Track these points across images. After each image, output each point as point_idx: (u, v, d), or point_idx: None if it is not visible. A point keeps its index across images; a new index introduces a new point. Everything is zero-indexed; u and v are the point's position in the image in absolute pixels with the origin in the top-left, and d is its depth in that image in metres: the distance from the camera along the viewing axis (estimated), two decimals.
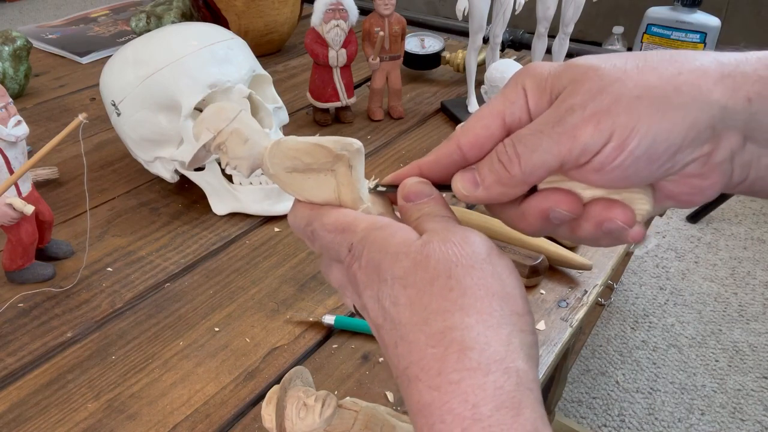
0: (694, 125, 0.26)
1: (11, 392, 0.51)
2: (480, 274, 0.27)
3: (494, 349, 0.25)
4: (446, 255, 0.27)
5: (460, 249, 0.27)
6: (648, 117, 0.26)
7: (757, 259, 1.57)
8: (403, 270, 0.27)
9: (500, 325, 0.26)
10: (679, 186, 0.28)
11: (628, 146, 0.26)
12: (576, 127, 0.26)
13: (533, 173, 0.28)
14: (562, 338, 0.56)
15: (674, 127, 0.26)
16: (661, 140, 0.26)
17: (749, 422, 1.17)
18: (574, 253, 0.62)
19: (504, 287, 0.27)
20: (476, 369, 0.24)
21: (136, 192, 0.77)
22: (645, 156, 0.26)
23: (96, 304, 0.59)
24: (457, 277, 0.26)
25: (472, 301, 0.26)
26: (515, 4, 0.86)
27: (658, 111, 0.26)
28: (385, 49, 0.88)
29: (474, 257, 0.27)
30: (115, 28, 1.30)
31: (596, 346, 1.33)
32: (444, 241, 0.27)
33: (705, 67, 0.27)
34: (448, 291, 0.26)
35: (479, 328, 0.25)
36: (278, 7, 1.10)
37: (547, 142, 0.27)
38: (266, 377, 0.52)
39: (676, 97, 0.26)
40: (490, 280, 0.27)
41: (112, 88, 0.71)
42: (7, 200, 0.56)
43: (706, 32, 0.85)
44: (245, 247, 0.67)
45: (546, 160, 0.27)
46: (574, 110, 0.27)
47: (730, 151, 0.27)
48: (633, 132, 0.26)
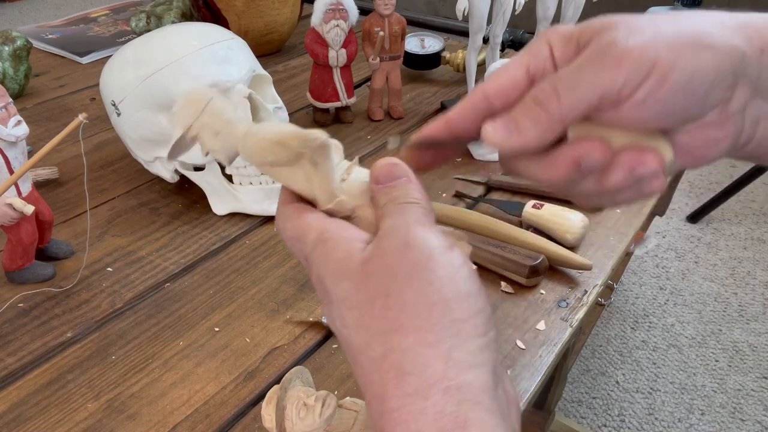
0: (721, 66, 0.26)
1: (11, 392, 0.51)
2: (419, 285, 0.26)
3: (433, 369, 0.24)
4: (386, 270, 0.26)
5: (400, 259, 0.26)
6: (686, 53, 0.26)
7: (757, 259, 1.57)
8: (345, 291, 0.27)
9: (440, 341, 0.25)
10: (694, 138, 0.28)
11: (670, 79, 0.26)
12: (621, 57, 0.26)
13: (573, 110, 0.27)
14: (562, 338, 0.56)
15: (708, 65, 0.26)
16: (698, 77, 0.26)
17: (749, 422, 1.17)
18: (574, 253, 0.62)
19: (443, 294, 0.26)
20: (414, 394, 0.24)
21: (136, 192, 0.77)
22: (683, 91, 0.26)
23: (96, 304, 0.59)
24: (397, 292, 0.26)
25: (410, 319, 0.25)
26: (515, 4, 0.86)
27: (694, 49, 0.26)
28: (385, 49, 0.88)
29: (414, 266, 0.26)
30: (115, 28, 1.30)
31: (596, 346, 1.33)
32: (384, 254, 0.27)
33: (722, 19, 0.28)
34: (387, 311, 0.26)
35: (417, 348, 0.25)
36: (278, 7, 1.10)
37: (590, 75, 0.27)
38: (266, 377, 0.52)
39: (707, 39, 0.26)
40: (429, 290, 0.26)
41: (112, 88, 0.71)
42: (7, 200, 0.56)
43: None
44: (245, 247, 0.67)
45: (587, 95, 0.27)
46: (616, 43, 0.26)
47: (743, 101, 0.28)
48: (674, 66, 0.26)
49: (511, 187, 0.76)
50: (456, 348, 0.25)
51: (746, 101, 0.28)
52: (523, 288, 0.61)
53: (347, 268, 0.27)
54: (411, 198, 0.29)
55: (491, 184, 0.77)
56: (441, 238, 0.27)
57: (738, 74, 0.27)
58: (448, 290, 0.26)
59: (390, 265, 0.26)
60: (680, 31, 0.27)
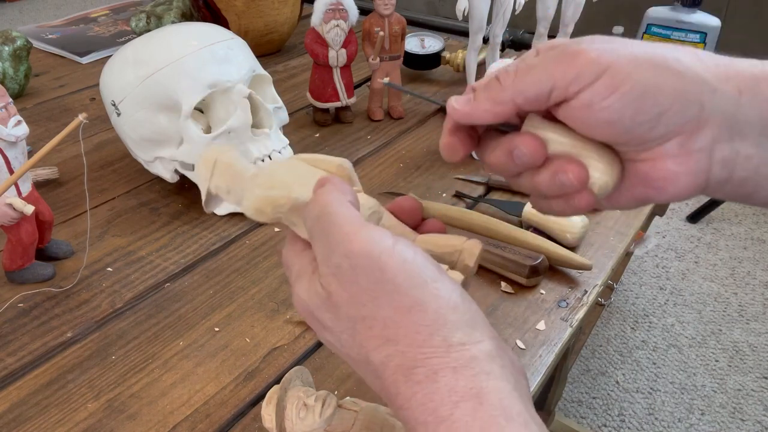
0: (684, 93, 0.27)
1: (11, 392, 0.51)
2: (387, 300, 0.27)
3: (436, 358, 0.25)
4: (349, 300, 0.27)
5: (357, 286, 0.27)
6: (645, 71, 0.27)
7: (757, 259, 1.57)
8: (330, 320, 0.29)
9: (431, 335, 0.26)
10: (654, 168, 0.29)
11: (620, 88, 0.26)
12: (577, 53, 0.27)
13: (523, 92, 0.28)
14: (562, 338, 0.56)
15: (666, 88, 0.27)
16: (652, 94, 0.26)
17: (749, 422, 1.17)
18: (574, 253, 0.62)
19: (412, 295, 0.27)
20: (424, 381, 0.25)
21: (136, 192, 0.77)
22: (633, 104, 0.27)
23: (96, 304, 0.59)
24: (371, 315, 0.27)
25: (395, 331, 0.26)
26: (515, 4, 0.86)
27: (655, 69, 0.27)
28: (385, 49, 0.88)
29: (372, 285, 0.27)
30: (115, 28, 1.30)
31: (596, 346, 1.33)
32: (341, 284, 0.28)
33: (701, 56, 0.28)
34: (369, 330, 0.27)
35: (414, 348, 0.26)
36: (278, 7, 1.10)
37: (545, 62, 0.28)
38: (266, 377, 0.52)
39: (674, 64, 0.27)
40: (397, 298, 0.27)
41: (112, 88, 0.71)
42: (7, 200, 0.56)
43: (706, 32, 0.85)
44: (245, 247, 0.67)
45: (540, 83, 0.28)
46: (579, 43, 0.28)
47: (710, 139, 0.27)
48: (628, 77, 0.26)
49: (511, 187, 0.76)
50: (450, 334, 0.26)
51: (715, 139, 0.28)
52: (523, 288, 0.61)
53: (318, 302, 0.29)
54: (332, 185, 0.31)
55: (491, 184, 0.77)
56: (380, 237, 0.28)
57: (707, 109, 0.27)
58: (415, 290, 0.27)
59: (352, 295, 0.27)
60: (649, 52, 0.27)
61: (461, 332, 0.26)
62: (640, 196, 0.30)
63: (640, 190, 0.30)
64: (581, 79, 0.27)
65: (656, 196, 0.30)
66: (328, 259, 0.28)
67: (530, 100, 0.29)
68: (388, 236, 0.28)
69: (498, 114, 0.30)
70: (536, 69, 0.28)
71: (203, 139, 0.68)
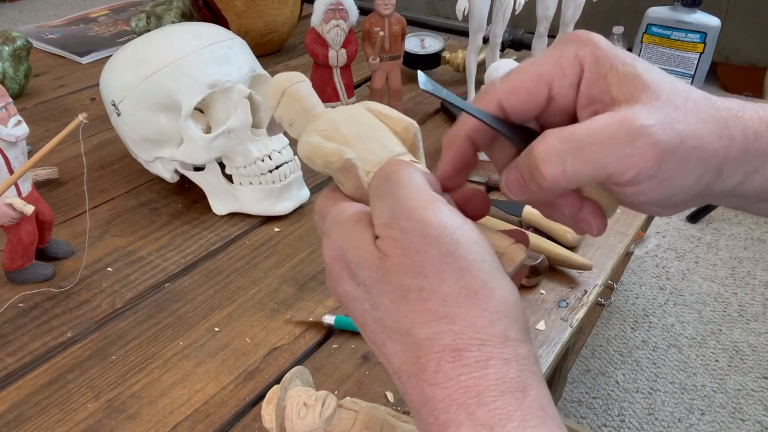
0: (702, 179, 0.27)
1: (11, 392, 0.51)
2: (455, 276, 0.26)
3: (490, 346, 0.25)
4: (410, 269, 0.26)
5: (424, 255, 0.26)
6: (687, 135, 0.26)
7: (757, 259, 1.57)
8: (371, 279, 0.27)
9: (492, 324, 0.26)
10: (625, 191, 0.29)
11: (660, 188, 0.27)
12: (633, 139, 0.25)
13: (574, 182, 0.27)
14: (562, 338, 0.56)
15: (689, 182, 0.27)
16: (680, 192, 0.27)
17: (749, 422, 1.17)
18: (574, 253, 0.62)
19: (481, 278, 0.26)
20: (473, 365, 0.25)
21: (136, 192, 0.77)
22: (663, 200, 0.27)
23: (96, 304, 0.59)
24: (431, 288, 0.26)
25: (455, 309, 0.26)
26: (515, 4, 0.86)
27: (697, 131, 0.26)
28: (385, 49, 0.88)
29: (441, 258, 0.26)
30: (115, 28, 1.30)
31: (596, 346, 1.33)
32: (403, 251, 0.26)
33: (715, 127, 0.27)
34: (425, 302, 0.26)
35: (469, 332, 0.25)
36: (278, 7, 1.10)
37: (600, 155, 0.26)
38: (266, 377, 0.52)
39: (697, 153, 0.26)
40: (466, 277, 0.26)
41: (112, 88, 0.71)
42: (7, 200, 0.56)
43: (706, 32, 0.85)
44: (245, 247, 0.67)
45: (594, 173, 0.26)
46: (635, 122, 0.25)
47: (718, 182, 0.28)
48: (671, 179, 0.26)
49: None
50: (510, 328, 0.26)
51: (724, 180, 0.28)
52: (523, 288, 0.61)
53: (365, 258, 0.28)
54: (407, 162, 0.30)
55: (491, 184, 0.77)
56: (452, 213, 0.27)
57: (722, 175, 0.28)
58: (485, 274, 0.26)
59: (415, 264, 0.26)
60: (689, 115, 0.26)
61: (517, 328, 0.26)
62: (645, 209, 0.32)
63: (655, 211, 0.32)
64: (638, 178, 0.26)
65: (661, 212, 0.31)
66: (395, 221, 0.27)
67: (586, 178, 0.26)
68: (459, 215, 0.27)
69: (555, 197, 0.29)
70: (591, 161, 0.26)
71: (203, 139, 0.68)
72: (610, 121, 0.26)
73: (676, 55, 0.88)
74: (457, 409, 0.24)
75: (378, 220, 0.28)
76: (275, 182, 0.70)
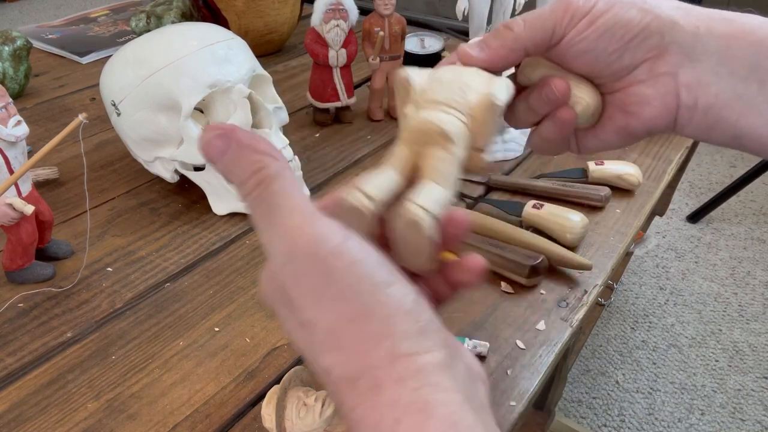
0: (647, 25, 0.33)
1: (11, 392, 0.51)
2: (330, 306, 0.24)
3: (380, 370, 0.24)
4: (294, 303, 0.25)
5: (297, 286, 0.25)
6: (617, 9, 0.33)
7: (757, 259, 1.57)
8: (280, 315, 0.27)
9: (377, 345, 0.24)
10: (628, 94, 0.35)
11: (596, 23, 0.33)
12: (569, 4, 0.34)
13: (534, 37, 0.34)
14: (562, 338, 0.56)
15: (632, 21, 0.33)
16: (620, 26, 0.33)
17: (749, 422, 1.17)
18: (574, 253, 0.62)
19: (360, 302, 0.24)
20: (367, 393, 0.23)
21: (136, 192, 0.77)
22: (605, 35, 0.33)
23: (96, 304, 0.59)
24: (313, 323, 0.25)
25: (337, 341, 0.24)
26: (515, 4, 0.86)
27: (624, 7, 0.33)
28: (385, 49, 0.88)
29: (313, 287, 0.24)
30: (115, 28, 1.30)
31: (596, 346, 1.33)
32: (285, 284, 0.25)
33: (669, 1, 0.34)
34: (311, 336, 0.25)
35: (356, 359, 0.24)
36: (278, 7, 1.10)
37: (547, 11, 0.34)
38: (266, 377, 0.52)
39: (640, 3, 0.33)
40: (341, 306, 0.24)
41: (112, 88, 0.71)
42: (7, 200, 0.56)
43: None
44: (245, 247, 0.67)
45: (545, 25, 0.34)
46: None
47: (672, 65, 0.33)
48: (604, 14, 0.33)
49: (511, 187, 0.76)
50: (396, 344, 0.24)
51: (677, 65, 0.33)
52: (523, 288, 0.61)
53: (271, 295, 0.27)
54: (261, 164, 0.26)
55: (491, 184, 0.77)
56: (329, 233, 0.25)
57: (666, 39, 0.33)
58: (362, 296, 0.24)
59: (295, 297, 0.25)
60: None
61: (410, 341, 0.24)
62: (621, 125, 0.36)
63: (620, 119, 0.36)
64: (573, 19, 0.33)
65: (636, 123, 0.35)
66: (274, 256, 0.26)
67: (538, 45, 0.34)
68: (339, 231, 0.25)
69: (511, 60, 0.35)
70: (540, 17, 0.34)
71: None
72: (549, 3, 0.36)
73: None
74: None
75: (266, 251, 0.27)
76: None
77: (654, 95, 0.34)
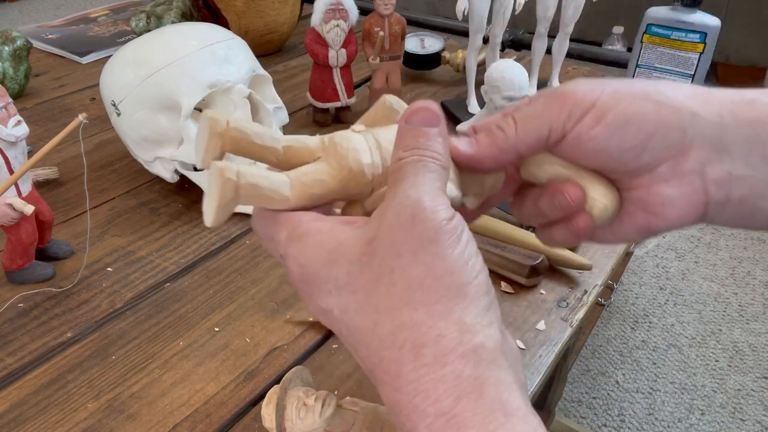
0: (665, 120, 0.29)
1: (11, 392, 0.51)
2: (425, 259, 0.26)
3: (447, 338, 0.25)
4: (391, 247, 0.26)
5: (406, 234, 0.26)
6: (627, 102, 0.29)
7: (757, 259, 1.57)
8: (346, 276, 0.27)
9: (449, 310, 0.25)
10: (650, 194, 0.30)
11: (604, 119, 0.29)
12: (565, 95, 0.30)
13: (525, 139, 0.31)
14: (562, 338, 0.56)
15: (648, 116, 0.29)
16: (635, 122, 0.29)
17: (749, 422, 1.17)
18: (574, 253, 0.62)
19: (449, 264, 0.26)
20: (432, 364, 0.24)
21: (136, 192, 0.77)
22: (618, 133, 0.29)
23: (96, 304, 0.59)
24: (401, 268, 0.26)
25: (418, 293, 0.25)
26: (515, 4, 0.86)
27: (636, 100, 0.29)
28: (385, 49, 0.88)
29: (421, 241, 0.26)
30: (115, 28, 1.30)
31: (596, 346, 1.33)
32: (390, 230, 0.26)
33: (680, 86, 0.30)
34: (392, 287, 0.26)
35: (429, 321, 0.25)
36: (278, 7, 1.10)
37: (540, 109, 0.30)
38: (266, 377, 0.52)
39: (654, 96, 0.29)
40: (435, 262, 0.26)
41: (112, 88, 0.71)
42: (7, 200, 0.56)
43: (706, 32, 0.85)
44: (245, 247, 0.67)
45: (538, 126, 0.30)
46: (566, 87, 0.30)
47: (699, 162, 0.29)
48: (611, 109, 0.29)
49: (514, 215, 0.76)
50: (466, 313, 0.25)
51: (704, 162, 0.29)
52: (523, 288, 0.61)
53: (342, 254, 0.27)
54: (432, 151, 0.28)
55: None
56: (446, 207, 0.27)
57: (689, 133, 0.29)
58: (453, 259, 0.26)
59: (395, 241, 0.26)
60: (631, 86, 0.30)
61: (476, 311, 0.25)
62: (642, 224, 0.31)
63: (641, 218, 0.31)
64: (572, 116, 0.29)
65: (659, 222, 0.31)
66: (392, 204, 0.27)
67: (532, 146, 0.31)
68: (453, 210, 0.27)
69: (501, 161, 0.31)
70: (533, 116, 0.30)
71: None
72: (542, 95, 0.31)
73: (676, 55, 0.88)
74: (418, 418, 0.24)
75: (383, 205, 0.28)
76: None
77: (679, 195, 0.30)
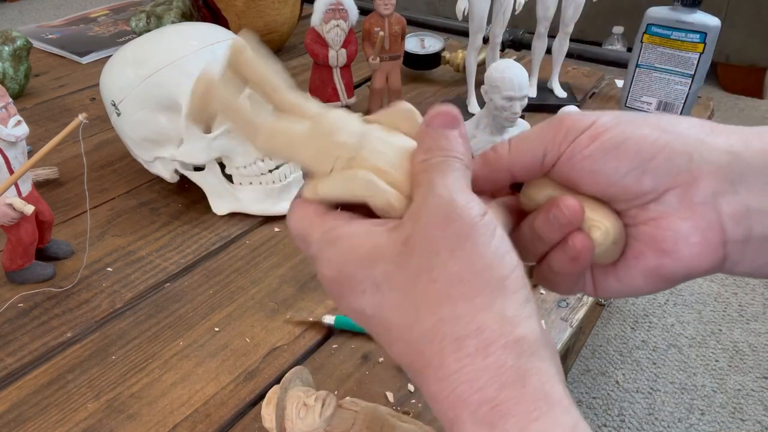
0: (668, 144, 0.27)
1: (11, 392, 0.51)
2: (463, 254, 0.26)
3: (489, 330, 0.25)
4: (428, 245, 0.26)
5: (442, 231, 0.26)
6: (626, 125, 0.28)
7: None
8: (384, 274, 0.27)
9: (490, 303, 0.25)
10: (659, 228, 0.28)
11: (600, 137, 0.28)
12: (562, 118, 0.30)
13: (520, 160, 0.30)
14: (562, 338, 0.56)
15: (648, 138, 0.27)
16: (633, 142, 0.27)
17: (749, 422, 1.17)
18: None
19: (486, 258, 0.26)
20: (475, 354, 0.24)
21: (136, 192, 0.77)
22: (614, 152, 0.28)
23: (96, 304, 0.59)
24: (441, 265, 0.26)
25: (458, 288, 0.25)
26: (515, 4, 0.86)
27: (635, 124, 0.28)
28: (385, 49, 0.88)
29: (457, 238, 0.26)
30: (115, 28, 1.30)
31: (596, 346, 1.33)
32: (425, 229, 0.26)
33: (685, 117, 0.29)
34: (432, 284, 0.26)
35: (470, 314, 0.25)
36: (278, 7, 1.10)
37: (536, 131, 0.30)
38: (266, 377, 0.52)
39: (655, 122, 0.28)
40: (473, 257, 0.26)
41: (112, 88, 0.71)
42: (7, 200, 0.56)
43: (706, 32, 0.85)
44: (245, 247, 0.67)
45: (533, 146, 0.30)
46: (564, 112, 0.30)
47: (710, 192, 0.27)
48: (609, 129, 0.28)
49: None
50: (506, 306, 0.25)
51: (716, 193, 0.27)
52: None
53: (380, 255, 0.27)
54: (455, 152, 0.28)
55: None
56: (479, 204, 0.27)
57: (696, 160, 0.27)
58: (489, 253, 0.26)
59: (432, 239, 0.26)
60: (633, 114, 0.29)
61: (516, 303, 0.26)
62: (652, 266, 0.28)
63: (651, 258, 0.28)
64: (568, 137, 0.29)
65: (671, 263, 0.28)
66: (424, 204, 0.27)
67: (527, 167, 0.30)
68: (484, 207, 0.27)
69: (494, 181, 0.31)
70: (528, 138, 0.30)
71: (203, 139, 0.68)
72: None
73: (676, 55, 0.88)
74: (461, 407, 0.24)
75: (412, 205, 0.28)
76: (275, 182, 0.70)
77: (691, 230, 0.27)
